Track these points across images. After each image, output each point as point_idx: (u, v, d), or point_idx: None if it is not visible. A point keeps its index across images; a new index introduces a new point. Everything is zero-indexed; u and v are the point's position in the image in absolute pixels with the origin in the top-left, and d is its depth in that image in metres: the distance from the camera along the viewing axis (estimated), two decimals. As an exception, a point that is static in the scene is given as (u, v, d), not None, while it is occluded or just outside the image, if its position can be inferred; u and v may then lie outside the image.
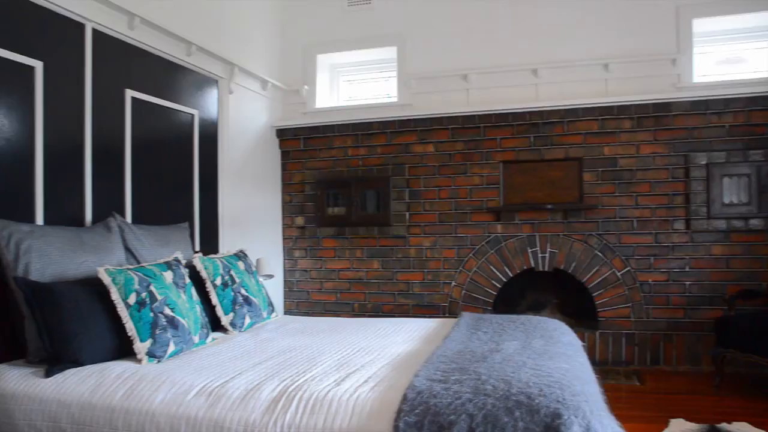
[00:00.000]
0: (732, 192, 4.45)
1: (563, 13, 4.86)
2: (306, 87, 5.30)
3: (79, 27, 3.16)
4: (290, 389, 2.08)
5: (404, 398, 1.91)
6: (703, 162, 4.49)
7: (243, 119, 4.78)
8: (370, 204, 5.08)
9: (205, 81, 4.26)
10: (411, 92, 5.11)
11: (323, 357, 2.58)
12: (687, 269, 4.55)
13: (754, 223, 4.44)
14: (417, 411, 1.83)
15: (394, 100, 5.25)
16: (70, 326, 2.40)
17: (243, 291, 3.41)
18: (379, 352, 2.68)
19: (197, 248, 4.06)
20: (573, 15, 4.84)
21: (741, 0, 4.59)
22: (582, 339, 3.76)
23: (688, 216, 4.53)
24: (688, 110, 4.53)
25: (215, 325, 3.20)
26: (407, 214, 5.02)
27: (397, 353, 2.66)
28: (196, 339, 2.79)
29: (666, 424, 3.30)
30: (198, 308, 2.93)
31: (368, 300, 5.14)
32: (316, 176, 5.23)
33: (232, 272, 3.41)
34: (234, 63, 4.44)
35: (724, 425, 3.26)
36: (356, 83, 5.69)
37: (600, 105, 4.64)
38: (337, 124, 5.17)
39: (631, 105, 4.60)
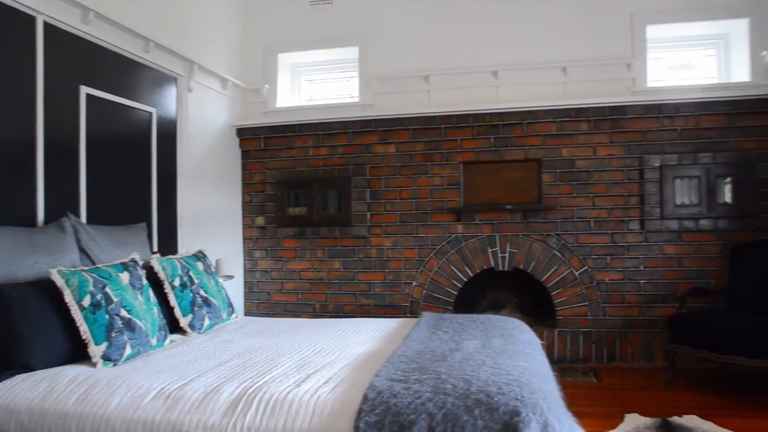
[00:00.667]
0: (683, 193, 4.59)
1: (523, 16, 4.93)
2: (267, 86, 5.25)
3: (30, 20, 3.06)
4: (250, 391, 2.06)
5: (365, 398, 1.91)
6: (657, 164, 4.62)
7: (203, 118, 4.70)
8: (332, 204, 5.07)
9: (163, 78, 4.18)
10: (372, 92, 5.11)
11: (284, 358, 2.56)
12: (641, 268, 4.68)
13: (704, 223, 4.59)
14: (377, 411, 1.83)
15: (356, 100, 5.24)
16: (20, 329, 2.32)
17: (202, 292, 3.36)
18: (340, 353, 2.68)
19: (155, 249, 3.98)
20: (532, 19, 4.92)
21: (690, 10, 4.75)
22: (541, 337, 3.81)
23: (643, 216, 4.65)
24: (642, 114, 4.65)
25: (174, 326, 3.14)
26: (368, 214, 5.02)
27: (358, 353, 2.66)
28: (154, 341, 2.74)
29: (621, 419, 3.38)
30: (156, 310, 2.88)
31: (329, 300, 5.12)
32: (277, 176, 5.18)
33: (191, 273, 3.35)
34: (193, 61, 4.36)
35: (675, 418, 3.37)
36: (317, 83, 5.66)
37: (558, 107, 4.72)
38: (298, 124, 5.13)
39: (588, 108, 4.70)
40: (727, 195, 4.56)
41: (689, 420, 3.35)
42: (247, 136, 5.24)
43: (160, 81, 4.13)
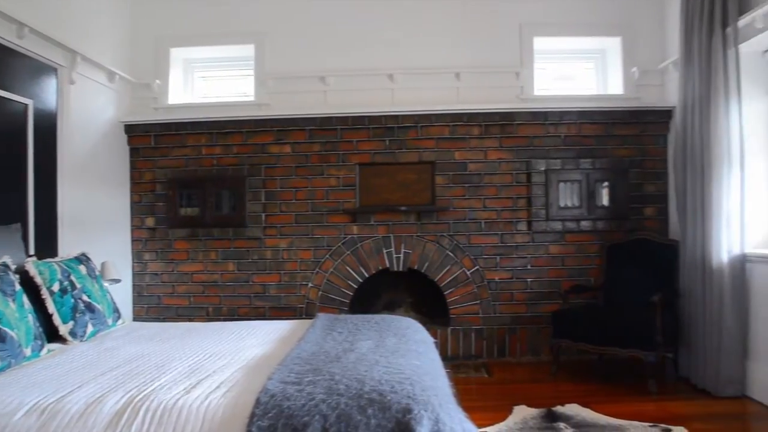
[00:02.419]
0: (566, 196, 4.86)
1: (419, 22, 5.05)
2: (158, 81, 5.05)
3: None
4: (136, 400, 1.97)
5: (257, 402, 1.88)
6: (542, 168, 4.86)
7: (87, 112, 4.45)
8: (225, 205, 4.94)
9: (41, 68, 3.91)
10: (268, 92, 5.04)
11: (173, 364, 2.47)
12: (529, 267, 4.89)
13: (585, 224, 4.87)
14: (270, 414, 1.81)
15: (251, 99, 5.14)
16: None
17: (85, 297, 3.19)
18: (233, 357, 2.62)
19: (31, 251, 3.70)
20: (428, 25, 5.04)
21: (572, 25, 5.07)
22: (434, 336, 3.88)
23: (530, 218, 4.87)
24: (530, 120, 4.88)
25: (53, 335, 2.95)
26: (263, 215, 4.94)
27: (252, 357, 2.63)
28: (28, 352, 2.56)
29: (510, 412, 3.52)
30: (30, 318, 2.69)
31: (223, 303, 4.99)
32: (168, 175, 4.99)
33: (73, 277, 3.18)
34: (76, 51, 4.11)
35: (558, 408, 3.56)
36: (212, 80, 5.51)
37: (451, 112, 4.86)
38: (190, 122, 4.97)
39: (479, 113, 4.87)
40: (604, 198, 4.87)
41: (571, 408, 3.55)
42: (136, 133, 5.01)
43: (37, 71, 3.87)
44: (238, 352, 2.71)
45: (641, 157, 4.90)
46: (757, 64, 4.01)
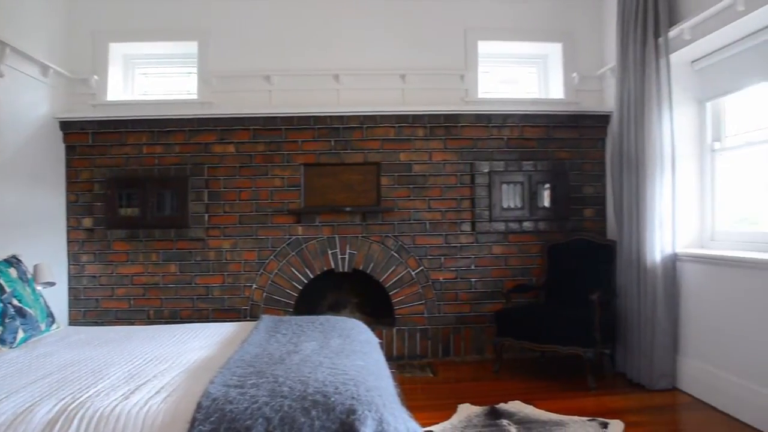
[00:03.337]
0: (509, 197, 4.95)
1: (365, 23, 5.06)
2: (96, 77, 4.89)
3: None
4: (70, 408, 1.90)
5: (199, 406, 1.85)
6: (486, 170, 4.94)
7: (17, 107, 4.26)
8: (167, 205, 4.82)
9: (-34, 60, 3.74)
10: (212, 90, 4.96)
11: (111, 369, 2.40)
12: (472, 267, 4.97)
13: (527, 225, 4.98)
14: (212, 419, 1.79)
15: (194, 97, 5.04)
16: None
17: (15, 302, 3.07)
18: (174, 360, 2.57)
19: (-45, 254, 3.54)
20: (374, 26, 5.06)
21: (515, 30, 5.18)
22: (379, 336, 3.91)
23: (474, 219, 4.95)
24: (474, 122, 4.96)
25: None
26: (206, 215, 4.84)
27: (194, 360, 2.58)
28: (-51, 360, 2.44)
29: (455, 410, 3.56)
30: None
31: (165, 306, 4.87)
32: (107, 174, 4.83)
33: (1, 281, 3.06)
34: (5, 42, 3.92)
35: (501, 405, 3.62)
36: (153, 77, 5.36)
37: (396, 113, 4.89)
38: (131, 120, 4.83)
39: (424, 115, 4.91)
40: (546, 200, 4.99)
41: (513, 405, 3.62)
42: (72, 130, 4.83)
43: (-39, 63, 3.70)
44: (180, 356, 2.66)
45: (581, 159, 5.05)
46: (686, 73, 4.20)
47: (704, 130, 4.21)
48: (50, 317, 3.39)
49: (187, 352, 2.75)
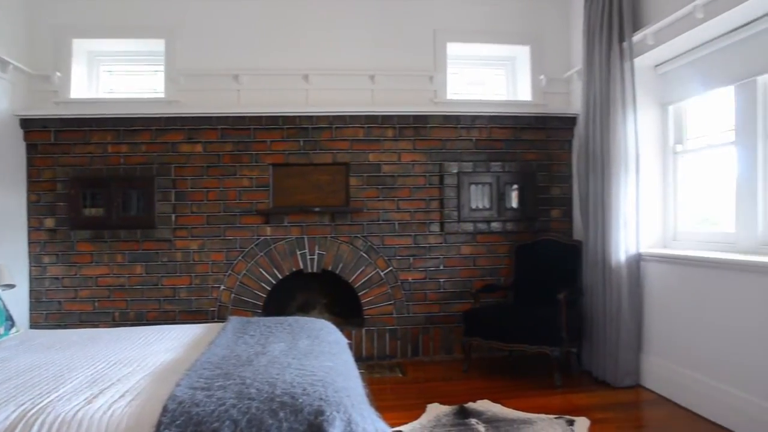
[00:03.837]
0: (478, 198, 4.99)
1: (335, 23, 5.04)
2: (58, 74, 4.77)
3: None
4: (30, 413, 1.85)
5: (164, 410, 1.82)
6: (455, 171, 4.97)
7: (-24, 105, 4.16)
8: (133, 205, 4.74)
9: None
10: (179, 89, 4.89)
11: (73, 373, 2.35)
12: (441, 267, 4.99)
13: (495, 225, 5.03)
14: (178, 422, 1.77)
15: (161, 95, 4.96)
16: None
17: (-29, 304, 2.98)
18: (140, 363, 2.53)
19: None
20: (344, 26, 5.05)
21: (484, 32, 5.23)
22: (348, 337, 3.90)
23: (443, 219, 4.97)
24: (443, 123, 4.99)
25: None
26: (173, 216, 4.77)
27: (160, 363, 2.54)
28: None
29: (424, 410, 3.58)
30: None
31: (130, 308, 4.78)
32: (70, 174, 4.73)
33: (-44, 282, 2.96)
34: (-38, 38, 3.84)
35: (470, 404, 3.66)
36: (119, 75, 5.26)
37: (366, 113, 4.89)
38: (95, 118, 4.73)
39: (393, 115, 4.92)
40: (513, 200, 5.04)
41: (482, 404, 3.67)
42: (34, 128, 4.71)
43: None
44: (145, 359, 2.62)
45: (548, 161, 5.12)
46: (649, 77, 4.30)
47: (667, 132, 4.31)
48: (9, 320, 3.32)
49: (152, 355, 2.71)
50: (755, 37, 3.37)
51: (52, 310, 4.75)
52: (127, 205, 4.74)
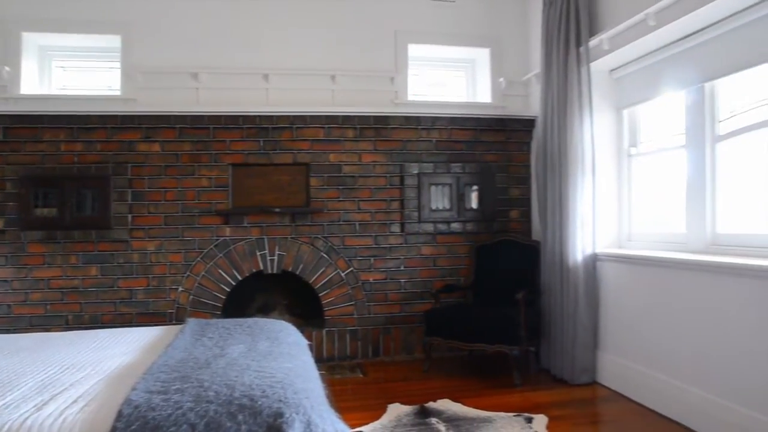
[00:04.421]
0: (438, 199, 5.04)
1: (296, 23, 5.01)
2: (7, 68, 4.60)
3: None
4: None
5: (119, 415, 1.77)
6: (415, 171, 5.00)
7: None
8: (87, 205, 4.61)
9: None
10: (136, 86, 4.78)
11: (22, 379, 2.25)
12: (402, 268, 5.02)
13: (455, 226, 5.08)
14: (134, 427, 1.72)
15: (117, 93, 4.84)
16: None
17: None
18: (93, 368, 2.45)
19: None
20: (305, 26, 5.03)
21: (444, 35, 5.28)
22: (309, 338, 3.90)
23: (403, 220, 5.00)
24: (403, 124, 5.01)
25: None
26: (130, 216, 4.67)
27: (115, 367, 2.46)
28: None
29: (385, 410, 3.60)
30: None
31: (85, 310, 4.66)
32: (20, 172, 4.57)
33: None
34: None
35: (431, 404, 3.69)
36: (72, 71, 5.11)
37: (326, 114, 4.87)
38: (47, 115, 4.58)
39: (354, 116, 4.92)
40: (473, 201, 5.10)
41: (442, 404, 3.70)
42: (-19, 125, 4.55)
43: None
44: (100, 363, 2.54)
45: (507, 162, 5.19)
46: (605, 81, 4.41)
47: (622, 135, 4.42)
48: (-44, 325, 3.18)
49: (108, 359, 2.63)
50: (703, 45, 3.50)
51: (1, 314, 4.59)
52: (81, 205, 4.62)
